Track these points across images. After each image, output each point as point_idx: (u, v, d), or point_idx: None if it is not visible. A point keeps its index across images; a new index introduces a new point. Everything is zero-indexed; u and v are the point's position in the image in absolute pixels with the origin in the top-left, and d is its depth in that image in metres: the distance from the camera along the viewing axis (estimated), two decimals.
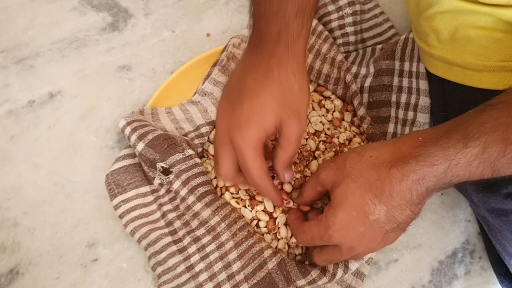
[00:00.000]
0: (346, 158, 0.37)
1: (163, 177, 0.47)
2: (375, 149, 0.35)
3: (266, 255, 0.44)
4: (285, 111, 0.38)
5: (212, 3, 0.60)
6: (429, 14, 0.42)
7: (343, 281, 0.46)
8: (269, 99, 0.37)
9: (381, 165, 0.34)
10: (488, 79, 0.40)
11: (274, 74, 0.38)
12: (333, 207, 0.36)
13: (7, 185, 0.49)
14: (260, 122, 0.38)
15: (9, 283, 0.46)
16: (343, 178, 0.36)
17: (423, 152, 0.32)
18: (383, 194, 0.33)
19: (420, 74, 0.50)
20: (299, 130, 0.39)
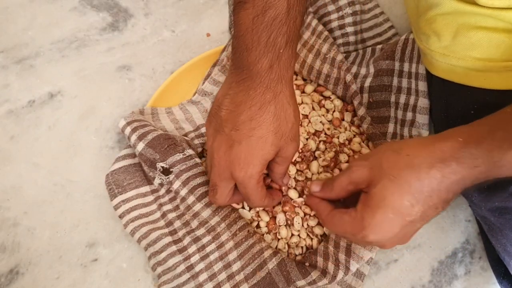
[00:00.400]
0: (382, 157, 0.36)
1: (163, 177, 0.47)
2: (412, 148, 0.34)
3: (266, 255, 0.44)
4: (284, 140, 0.39)
5: (212, 3, 0.60)
6: (429, 16, 0.42)
7: (343, 281, 0.46)
8: (267, 133, 0.38)
9: (420, 165, 0.33)
10: (492, 79, 0.40)
11: (270, 107, 0.38)
12: (370, 207, 0.35)
13: (7, 185, 0.49)
14: (261, 156, 0.39)
15: (9, 283, 0.46)
16: (380, 178, 0.35)
17: (466, 155, 0.32)
18: (422, 195, 0.33)
19: (419, 75, 0.50)
20: (296, 149, 0.41)
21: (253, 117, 0.38)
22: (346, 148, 0.51)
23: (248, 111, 0.38)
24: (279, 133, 0.39)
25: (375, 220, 0.34)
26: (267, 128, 0.38)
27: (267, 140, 0.38)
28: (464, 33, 0.40)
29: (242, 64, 0.38)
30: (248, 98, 0.38)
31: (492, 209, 0.40)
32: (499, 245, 0.42)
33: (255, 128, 0.38)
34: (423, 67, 0.50)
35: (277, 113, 0.38)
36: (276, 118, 0.38)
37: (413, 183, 0.33)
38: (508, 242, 0.40)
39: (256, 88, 0.38)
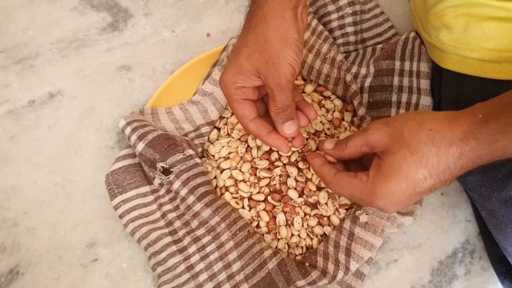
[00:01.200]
0: (404, 125, 0.35)
1: (163, 177, 0.47)
2: (435, 122, 0.34)
3: (266, 255, 0.44)
4: (259, 59, 0.38)
5: (212, 3, 0.60)
6: (439, 9, 0.42)
7: (343, 281, 0.46)
8: (241, 45, 0.39)
9: (441, 141, 0.33)
10: (507, 70, 0.40)
11: (249, 19, 0.39)
12: (383, 174, 0.35)
13: (7, 185, 0.49)
14: (234, 66, 0.39)
15: (9, 283, 0.46)
16: (399, 147, 0.34)
17: (484, 130, 0.32)
18: (437, 170, 0.33)
19: (421, 73, 0.50)
20: (274, 77, 0.38)
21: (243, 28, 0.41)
22: None
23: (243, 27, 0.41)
24: (251, 48, 0.39)
25: (387, 188, 0.35)
26: (242, 40, 0.40)
27: (240, 52, 0.39)
28: (476, 24, 0.40)
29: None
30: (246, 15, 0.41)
31: (504, 199, 0.39)
32: (507, 238, 0.41)
33: (238, 38, 0.40)
34: (425, 64, 0.50)
35: (253, 26, 0.39)
36: (252, 30, 0.39)
37: (431, 159, 0.33)
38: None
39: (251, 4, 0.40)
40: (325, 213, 0.47)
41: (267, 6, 0.38)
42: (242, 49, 0.39)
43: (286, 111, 0.40)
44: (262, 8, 0.38)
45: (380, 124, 0.37)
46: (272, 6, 0.39)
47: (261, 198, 0.47)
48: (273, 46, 0.38)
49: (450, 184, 0.35)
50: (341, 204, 0.48)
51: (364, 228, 0.45)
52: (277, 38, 0.38)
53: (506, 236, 0.41)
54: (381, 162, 0.35)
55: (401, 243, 0.50)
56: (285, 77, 0.38)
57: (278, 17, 0.39)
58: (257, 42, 0.38)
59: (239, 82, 0.40)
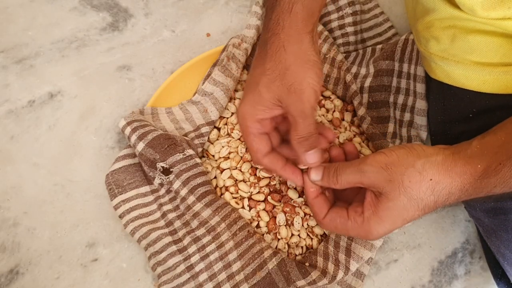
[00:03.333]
0: (404, 173, 0.35)
1: (163, 177, 0.47)
2: (436, 172, 0.34)
3: (266, 255, 0.44)
4: (280, 87, 0.37)
5: (212, 3, 0.60)
6: (427, 20, 0.42)
7: (343, 281, 0.46)
8: (259, 74, 0.38)
9: (440, 191, 0.34)
10: (491, 83, 0.40)
11: (266, 47, 0.38)
12: (380, 218, 0.36)
13: (7, 185, 0.49)
14: (253, 97, 0.38)
15: (9, 283, 0.46)
16: (399, 194, 0.35)
17: (484, 184, 0.33)
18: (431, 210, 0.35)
19: (418, 77, 0.50)
20: (297, 104, 0.37)
21: (257, 57, 0.39)
22: None
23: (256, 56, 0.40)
24: (271, 76, 0.37)
25: (384, 229, 0.36)
26: (260, 69, 0.38)
27: (259, 82, 0.38)
28: (462, 36, 0.40)
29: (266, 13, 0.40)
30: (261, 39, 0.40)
31: (487, 209, 0.40)
32: (493, 246, 0.42)
33: (252, 73, 0.39)
34: (421, 69, 0.50)
35: (270, 54, 0.37)
36: (269, 59, 0.37)
37: (429, 205, 0.35)
38: (502, 244, 0.40)
39: (264, 29, 0.39)
40: None
41: (284, 33, 0.37)
42: (261, 78, 0.37)
43: (310, 139, 0.38)
44: (278, 35, 0.37)
45: (378, 168, 0.36)
46: (289, 32, 0.37)
47: (261, 198, 0.47)
48: (294, 71, 0.37)
49: None
50: None
51: None
52: (298, 63, 0.37)
53: (492, 244, 0.42)
54: (378, 204, 0.36)
55: (401, 243, 0.50)
56: (309, 103, 0.37)
57: (297, 42, 0.38)
58: (277, 69, 0.37)
59: (258, 114, 0.38)
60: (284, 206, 0.47)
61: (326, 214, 0.39)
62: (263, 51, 0.39)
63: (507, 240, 0.38)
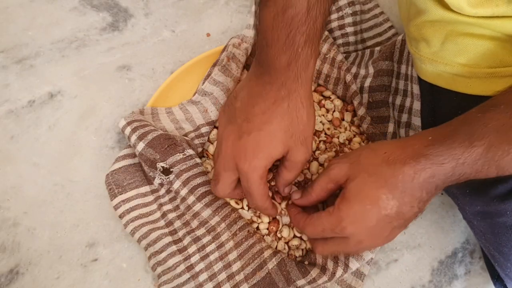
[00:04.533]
0: (360, 154, 0.38)
1: (163, 177, 0.47)
2: (389, 147, 0.37)
3: (266, 255, 0.44)
4: (293, 140, 0.39)
5: (212, 3, 0.60)
6: (419, 22, 0.43)
7: (343, 281, 0.46)
8: (277, 129, 0.39)
9: (395, 162, 0.35)
10: (476, 86, 0.41)
11: (284, 104, 0.39)
12: (347, 199, 0.36)
13: (7, 185, 0.49)
14: (268, 151, 0.39)
15: (9, 283, 0.46)
16: (359, 172, 0.37)
17: (432, 151, 0.34)
18: (397, 189, 0.35)
19: (414, 78, 0.50)
20: (305, 155, 0.40)
21: (265, 111, 0.39)
22: (346, 148, 0.51)
23: (261, 104, 0.39)
24: (289, 131, 0.39)
25: (352, 210, 0.36)
26: (278, 123, 0.38)
27: (276, 136, 0.39)
28: (452, 39, 0.41)
29: (262, 60, 0.39)
30: (264, 92, 0.39)
31: (475, 213, 0.40)
32: (485, 248, 0.42)
33: (266, 122, 0.38)
34: None
35: (289, 111, 0.39)
36: (288, 115, 0.39)
37: (389, 178, 0.35)
38: (491, 246, 0.40)
39: (273, 83, 0.38)
40: None
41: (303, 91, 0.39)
42: (278, 134, 0.39)
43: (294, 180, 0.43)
44: (298, 93, 0.39)
45: (338, 159, 0.39)
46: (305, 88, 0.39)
47: None
48: (308, 127, 0.40)
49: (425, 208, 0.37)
50: None
51: None
52: (310, 118, 0.40)
53: (483, 245, 0.42)
54: (344, 190, 0.37)
55: (401, 243, 0.50)
56: (311, 150, 0.41)
57: (310, 98, 0.40)
58: (294, 126, 0.39)
59: (269, 165, 0.40)
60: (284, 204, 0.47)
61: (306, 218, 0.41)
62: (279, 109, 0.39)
63: (495, 242, 0.39)
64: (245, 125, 0.39)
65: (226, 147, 0.40)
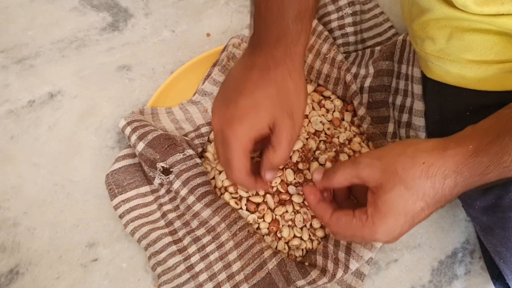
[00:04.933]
0: (397, 161, 0.35)
1: (163, 177, 0.47)
2: (427, 155, 0.35)
3: (266, 255, 0.44)
4: (279, 111, 0.38)
5: (212, 3, 0.60)
6: (422, 20, 0.42)
7: (343, 281, 0.46)
8: (263, 97, 0.38)
9: (435, 175, 0.34)
10: (486, 81, 0.40)
11: (270, 74, 0.38)
12: (382, 213, 0.35)
13: (7, 185, 0.49)
14: (253, 119, 0.38)
15: (9, 283, 0.46)
16: (394, 183, 0.35)
17: (477, 165, 0.33)
18: (433, 200, 0.34)
19: (415, 78, 0.50)
20: (291, 131, 0.39)
21: (252, 80, 0.39)
22: (346, 148, 0.51)
23: (250, 74, 0.39)
24: (275, 101, 0.38)
25: (388, 226, 0.35)
26: (263, 91, 0.38)
27: (261, 104, 0.38)
28: (457, 35, 0.40)
29: (255, 35, 0.39)
30: (253, 63, 0.39)
31: (485, 207, 0.40)
32: (490, 245, 0.42)
33: (253, 91, 0.38)
34: (418, 70, 0.50)
35: (276, 81, 0.38)
36: (274, 85, 0.38)
37: (427, 191, 0.34)
38: (498, 242, 0.40)
39: (262, 55, 0.39)
40: None
41: (292, 64, 0.39)
42: (263, 101, 0.38)
43: (281, 163, 0.41)
44: (286, 65, 0.38)
45: (372, 158, 0.37)
46: (295, 62, 0.39)
47: (260, 199, 0.47)
48: (296, 100, 0.39)
49: None
50: None
51: None
52: (299, 92, 0.39)
53: (488, 242, 0.42)
54: (377, 199, 0.36)
55: (401, 243, 0.50)
56: (300, 130, 0.40)
57: (300, 71, 0.39)
58: (281, 96, 0.38)
59: (253, 135, 0.39)
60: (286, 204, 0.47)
61: (332, 214, 0.39)
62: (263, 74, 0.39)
63: (504, 237, 0.38)
64: (233, 94, 0.39)
65: (214, 117, 0.40)
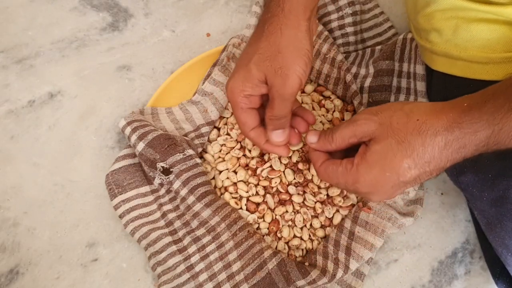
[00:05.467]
0: (392, 115, 0.36)
1: (163, 177, 0.47)
2: (422, 113, 0.35)
3: (266, 255, 0.44)
4: (269, 67, 0.38)
5: (212, 3, 0.60)
6: (428, 12, 0.42)
7: (343, 281, 0.46)
8: (253, 50, 0.39)
9: (427, 131, 0.33)
10: (494, 71, 0.40)
11: (263, 26, 0.39)
12: (368, 163, 0.35)
13: (7, 185, 0.49)
14: (244, 74, 0.39)
15: (9, 283, 0.46)
16: (387, 136, 0.35)
17: (468, 119, 0.32)
18: (422, 160, 0.34)
19: (417, 75, 0.50)
20: (280, 88, 0.38)
21: (252, 36, 0.41)
22: None
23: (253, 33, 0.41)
24: (263, 55, 0.38)
25: (370, 175, 0.35)
26: (254, 44, 0.39)
27: (251, 58, 0.39)
28: (464, 26, 0.40)
29: None
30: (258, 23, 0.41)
31: (494, 199, 0.39)
32: (497, 239, 0.41)
33: (248, 45, 0.40)
34: (420, 67, 0.50)
35: (266, 34, 0.38)
36: (264, 37, 0.39)
37: (417, 148, 0.34)
38: (506, 234, 0.39)
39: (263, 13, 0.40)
40: (329, 215, 0.47)
41: (283, 16, 0.38)
42: (253, 56, 0.38)
43: (280, 120, 0.40)
44: (277, 17, 0.38)
45: (369, 114, 0.37)
46: (288, 16, 0.39)
47: (260, 199, 0.47)
48: (286, 56, 0.38)
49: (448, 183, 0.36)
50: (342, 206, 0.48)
51: (365, 228, 0.45)
52: (291, 48, 0.38)
53: (496, 236, 0.41)
54: (367, 149, 0.36)
55: (401, 243, 0.50)
56: (291, 89, 0.38)
57: (293, 27, 0.39)
58: (269, 50, 0.38)
59: (247, 90, 0.39)
60: (286, 204, 0.47)
61: (323, 162, 0.40)
62: (260, 30, 0.40)
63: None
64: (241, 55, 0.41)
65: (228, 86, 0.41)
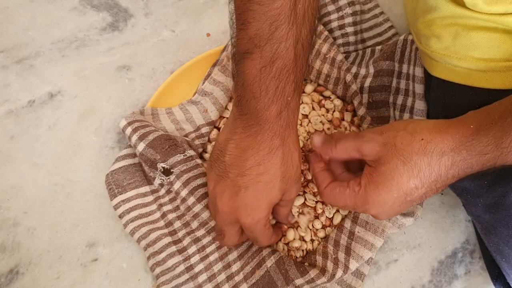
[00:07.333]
0: (396, 136, 0.36)
1: (164, 178, 0.47)
2: (427, 132, 0.35)
3: (265, 253, 0.44)
4: (289, 183, 0.40)
5: (212, 3, 0.60)
6: (428, 18, 0.42)
7: (343, 281, 0.46)
8: (274, 177, 0.38)
9: (432, 152, 0.34)
10: (493, 79, 0.40)
11: (278, 153, 0.38)
12: (375, 184, 0.36)
13: (7, 185, 0.49)
14: (268, 201, 0.39)
15: (9, 283, 0.46)
16: (392, 157, 0.35)
17: (476, 142, 0.32)
18: (429, 180, 0.34)
19: (416, 78, 0.50)
20: (298, 190, 0.42)
21: (261, 163, 0.38)
22: None
23: (255, 156, 0.38)
24: (286, 177, 0.39)
25: (379, 197, 0.36)
26: (275, 173, 0.38)
27: (275, 185, 0.38)
28: (464, 33, 0.40)
29: (249, 111, 0.37)
30: (256, 144, 0.38)
31: (489, 205, 0.40)
32: (492, 244, 0.41)
33: (263, 174, 0.38)
34: (419, 69, 0.50)
35: (284, 158, 0.39)
36: (283, 162, 0.38)
37: (423, 169, 0.34)
38: (501, 241, 0.39)
39: (264, 133, 0.37)
40: (329, 215, 0.48)
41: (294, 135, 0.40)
42: (275, 182, 0.38)
43: None
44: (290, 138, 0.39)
45: (374, 133, 0.38)
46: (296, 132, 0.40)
47: None
48: (300, 166, 0.41)
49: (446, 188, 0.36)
50: None
51: (365, 228, 0.45)
52: (299, 158, 0.41)
53: (490, 241, 0.41)
54: (373, 171, 0.36)
55: (401, 243, 0.50)
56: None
57: (298, 138, 0.41)
58: (289, 171, 0.39)
59: (270, 212, 0.41)
60: None
61: (328, 184, 0.41)
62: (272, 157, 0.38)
63: (508, 236, 0.38)
64: (240, 179, 0.38)
65: (223, 204, 0.39)
